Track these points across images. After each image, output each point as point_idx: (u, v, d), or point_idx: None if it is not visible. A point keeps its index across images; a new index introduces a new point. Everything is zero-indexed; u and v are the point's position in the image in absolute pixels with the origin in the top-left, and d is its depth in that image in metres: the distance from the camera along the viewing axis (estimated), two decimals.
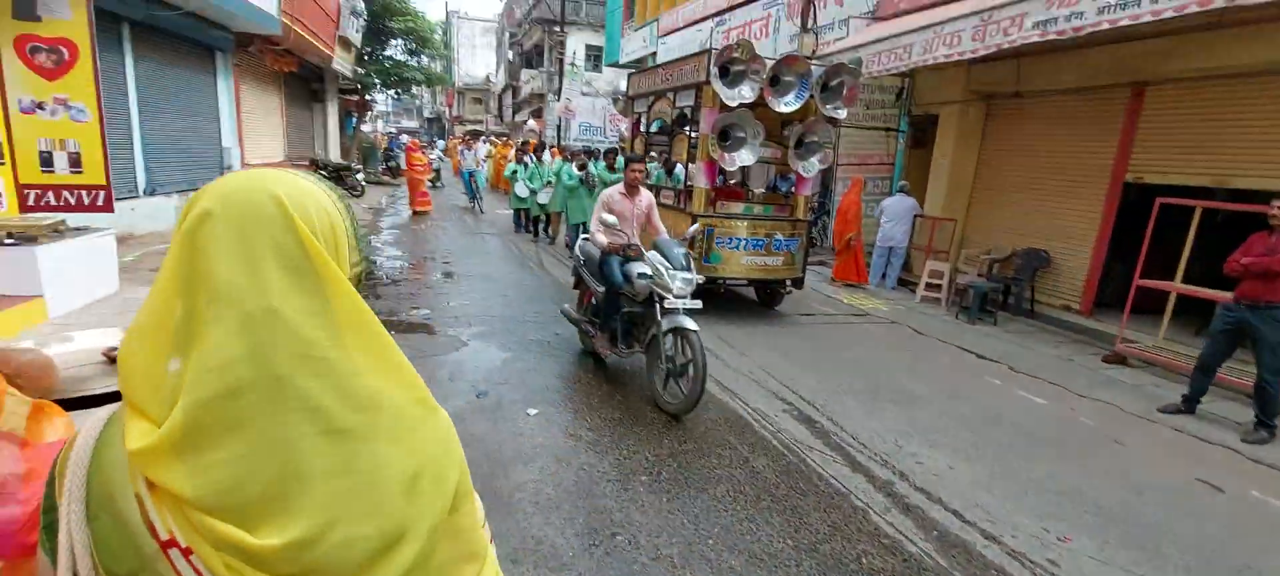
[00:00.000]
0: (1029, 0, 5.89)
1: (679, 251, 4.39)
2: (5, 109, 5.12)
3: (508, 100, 36.86)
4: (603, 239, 4.72)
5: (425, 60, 24.18)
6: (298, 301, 0.63)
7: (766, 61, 6.76)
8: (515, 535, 2.82)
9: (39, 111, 5.23)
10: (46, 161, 5.35)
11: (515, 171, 12.18)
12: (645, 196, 5.20)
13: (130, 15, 8.38)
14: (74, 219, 5.51)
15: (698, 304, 4.25)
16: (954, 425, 4.45)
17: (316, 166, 15.42)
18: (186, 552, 0.62)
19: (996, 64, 8.06)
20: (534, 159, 12.35)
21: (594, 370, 4.99)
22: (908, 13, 8.88)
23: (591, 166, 9.66)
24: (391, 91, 25.30)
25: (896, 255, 9.16)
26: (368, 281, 7.01)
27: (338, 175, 15.30)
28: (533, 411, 4.11)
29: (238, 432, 0.61)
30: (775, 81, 6.91)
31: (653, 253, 4.45)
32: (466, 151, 16.45)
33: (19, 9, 5.06)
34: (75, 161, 5.44)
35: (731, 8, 14.79)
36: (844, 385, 5.08)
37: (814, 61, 7.65)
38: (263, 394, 0.62)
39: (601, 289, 4.77)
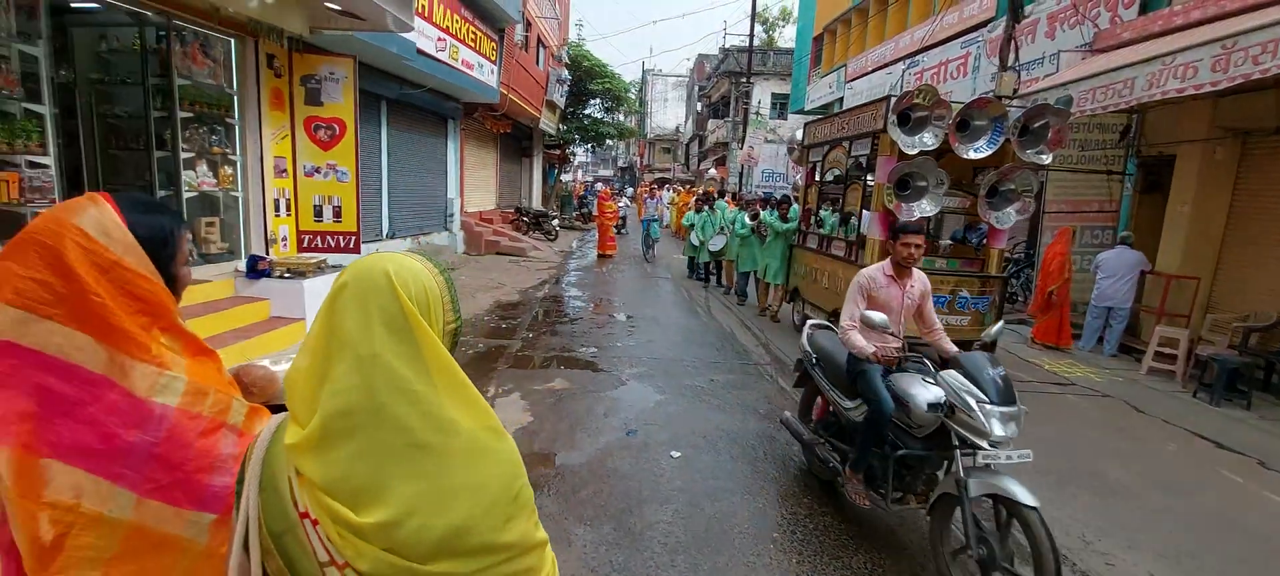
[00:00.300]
0: None
1: (993, 372, 2.89)
2: (294, 173, 6.65)
3: (694, 149, 38.29)
4: (859, 341, 3.30)
5: (620, 117, 26.19)
6: (395, 348, 0.88)
7: (953, 106, 6.37)
8: (638, 572, 2.97)
9: (315, 174, 6.71)
10: (318, 213, 6.82)
11: (692, 220, 12.63)
12: (919, 281, 3.61)
13: (387, 95, 10.34)
14: (331, 258, 6.92)
15: (1028, 454, 2.82)
16: (1167, 525, 3.74)
17: (520, 213, 17.38)
18: (315, 523, 0.88)
19: (1252, 96, 6.72)
20: (708, 207, 12.70)
21: (742, 420, 5.00)
22: (1132, 43, 7.80)
23: (764, 215, 9.67)
24: (588, 145, 27.76)
25: (1117, 317, 7.88)
26: (548, 319, 7.75)
27: (536, 221, 17.08)
28: (676, 454, 4.26)
29: (351, 439, 0.87)
30: (964, 126, 6.47)
31: (950, 373, 3.02)
32: (649, 199, 16.87)
33: (310, 98, 6.59)
34: (337, 213, 6.85)
35: (924, 49, 14.06)
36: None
37: (1013, 102, 7.02)
38: (368, 414, 0.87)
39: (852, 406, 3.45)
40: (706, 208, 12.55)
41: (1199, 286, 7.51)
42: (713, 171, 28.08)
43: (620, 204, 20.82)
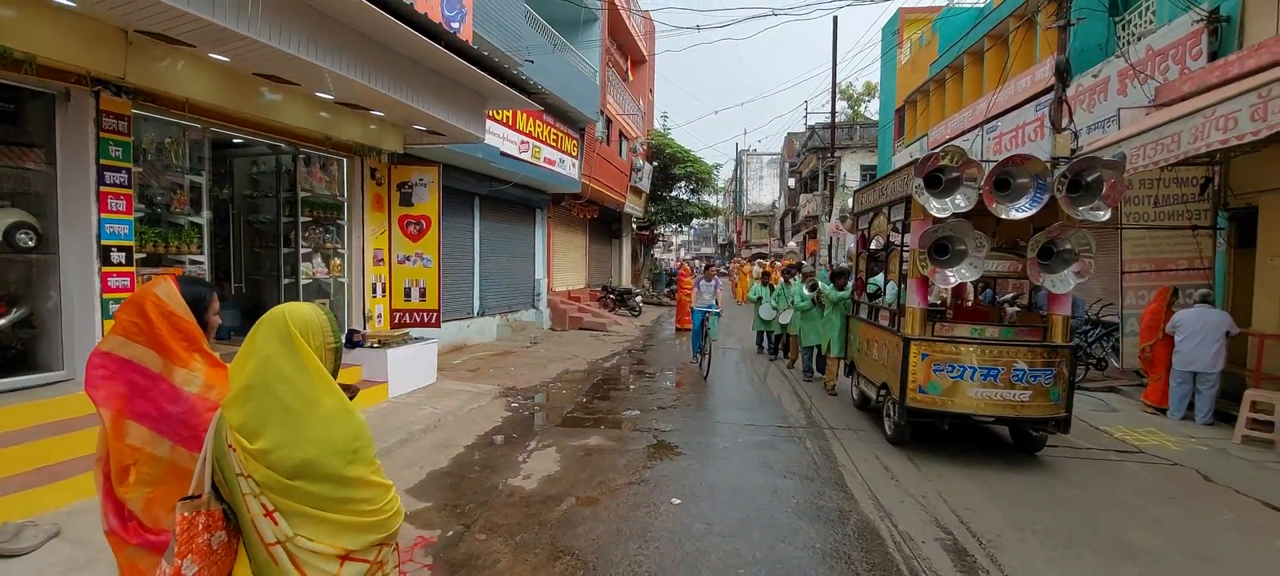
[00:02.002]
0: None
1: None
2: (390, 261, 7.95)
3: (788, 224, 38.49)
4: None
5: (705, 197, 27.26)
6: (282, 354, 1.58)
7: (984, 166, 6.38)
8: None
9: (406, 262, 7.98)
10: (407, 294, 8.04)
11: (760, 294, 12.71)
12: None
13: (479, 192, 11.84)
14: (414, 332, 8.05)
15: None
16: None
17: (606, 291, 18.46)
18: (233, 449, 1.57)
19: None
20: (784, 281, 12.80)
21: (753, 474, 5.27)
22: (1191, 96, 7.59)
23: (820, 282, 9.78)
24: (674, 225, 29.00)
25: (1205, 382, 7.30)
26: (605, 386, 8.34)
27: (621, 298, 18.05)
28: (676, 501, 4.65)
29: (251, 401, 1.56)
30: (1005, 185, 6.40)
31: None
32: (703, 282, 10.92)
33: (403, 200, 7.94)
34: (423, 294, 8.04)
35: (1000, 114, 13.96)
36: (1038, 525, 4.44)
37: (1063, 158, 6.93)
38: (261, 388, 1.56)
39: None
40: (786, 281, 12.61)
41: None
42: (792, 244, 28.15)
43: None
